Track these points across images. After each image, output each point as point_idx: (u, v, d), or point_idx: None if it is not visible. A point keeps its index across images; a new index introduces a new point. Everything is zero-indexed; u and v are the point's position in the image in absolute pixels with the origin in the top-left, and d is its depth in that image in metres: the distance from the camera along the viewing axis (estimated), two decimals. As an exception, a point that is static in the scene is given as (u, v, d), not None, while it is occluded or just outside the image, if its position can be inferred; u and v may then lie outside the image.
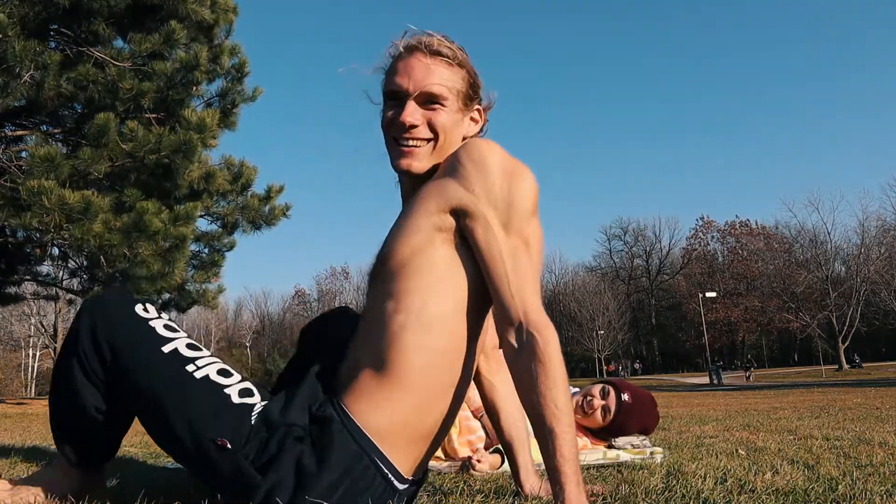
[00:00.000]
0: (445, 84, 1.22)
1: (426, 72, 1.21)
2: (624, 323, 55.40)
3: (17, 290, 9.26)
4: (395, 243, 1.17)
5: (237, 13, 7.05)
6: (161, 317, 1.23)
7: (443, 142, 1.23)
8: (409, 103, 1.21)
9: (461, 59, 1.24)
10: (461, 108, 1.26)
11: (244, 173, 7.94)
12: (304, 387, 1.18)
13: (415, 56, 1.22)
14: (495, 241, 1.13)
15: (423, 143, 1.23)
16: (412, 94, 1.21)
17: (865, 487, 1.41)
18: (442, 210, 1.15)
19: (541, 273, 1.17)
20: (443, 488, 1.62)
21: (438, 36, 1.24)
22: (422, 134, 1.22)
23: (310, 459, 1.09)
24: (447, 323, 1.15)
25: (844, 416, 4.58)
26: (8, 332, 47.49)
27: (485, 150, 1.16)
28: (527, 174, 1.17)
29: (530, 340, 1.09)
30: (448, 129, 1.23)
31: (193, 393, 1.12)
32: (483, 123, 1.33)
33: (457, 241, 1.16)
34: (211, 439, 1.09)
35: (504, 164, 1.15)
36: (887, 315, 40.67)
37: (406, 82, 1.21)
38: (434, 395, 1.16)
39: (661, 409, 2.93)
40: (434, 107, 1.22)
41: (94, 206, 5.20)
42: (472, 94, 1.27)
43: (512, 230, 1.14)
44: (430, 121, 1.22)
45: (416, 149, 1.22)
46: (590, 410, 2.55)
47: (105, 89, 5.55)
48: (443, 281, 1.15)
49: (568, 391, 1.10)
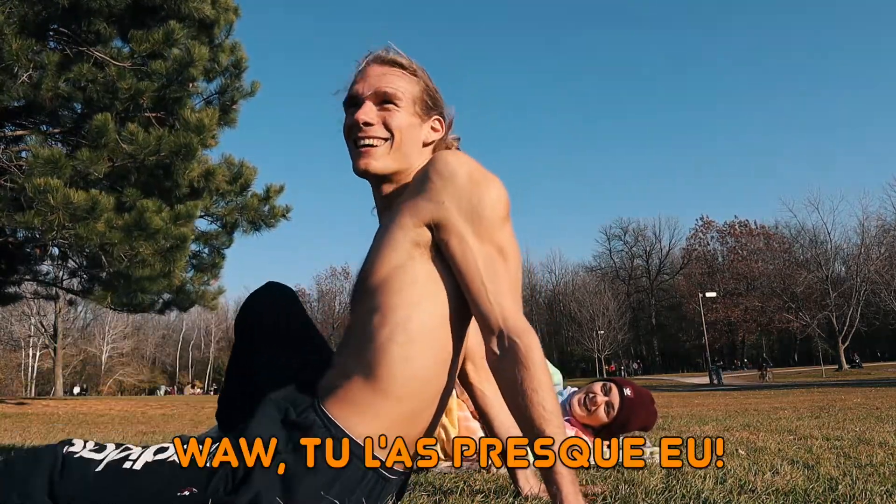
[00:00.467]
0: (399, 87, 1.27)
1: (380, 76, 1.27)
2: (624, 323, 55.41)
3: (17, 290, 9.25)
4: (375, 261, 1.19)
5: (238, 14, 7.06)
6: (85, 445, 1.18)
7: (399, 142, 1.26)
8: (364, 103, 1.26)
9: (416, 70, 1.30)
10: (417, 113, 1.29)
11: (244, 173, 7.93)
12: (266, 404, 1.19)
13: (370, 67, 1.29)
14: (469, 250, 1.15)
15: (380, 142, 1.26)
16: (366, 95, 1.26)
17: (865, 487, 1.41)
18: (416, 225, 1.17)
19: (520, 279, 1.19)
20: (443, 488, 1.62)
21: (395, 49, 1.30)
22: (377, 133, 1.25)
23: (295, 465, 1.10)
24: (432, 335, 1.17)
25: (844, 416, 4.58)
26: (8, 332, 47.48)
27: (452, 162, 1.18)
28: (495, 183, 1.19)
29: (512, 346, 1.11)
30: (403, 130, 1.26)
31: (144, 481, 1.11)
32: (444, 133, 1.35)
33: (434, 254, 1.18)
34: (174, 494, 1.09)
35: (472, 175, 1.17)
36: (887, 315, 40.65)
37: (362, 87, 1.27)
38: (420, 405, 1.18)
39: (661, 409, 2.93)
40: (388, 107, 1.26)
41: (100, 206, 5.20)
42: (430, 104, 1.31)
43: (485, 239, 1.15)
44: (385, 120, 1.26)
45: (373, 148, 1.25)
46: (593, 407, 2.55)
47: (104, 89, 5.55)
48: (425, 295, 1.17)
49: (554, 393, 1.11)
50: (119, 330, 55.78)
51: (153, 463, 1.14)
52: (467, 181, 1.17)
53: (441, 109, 1.34)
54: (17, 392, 46.51)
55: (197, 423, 9.83)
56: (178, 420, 11.35)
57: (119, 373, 55.83)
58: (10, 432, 6.19)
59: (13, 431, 6.39)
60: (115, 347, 55.89)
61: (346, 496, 1.12)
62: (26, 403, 18.21)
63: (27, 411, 14.72)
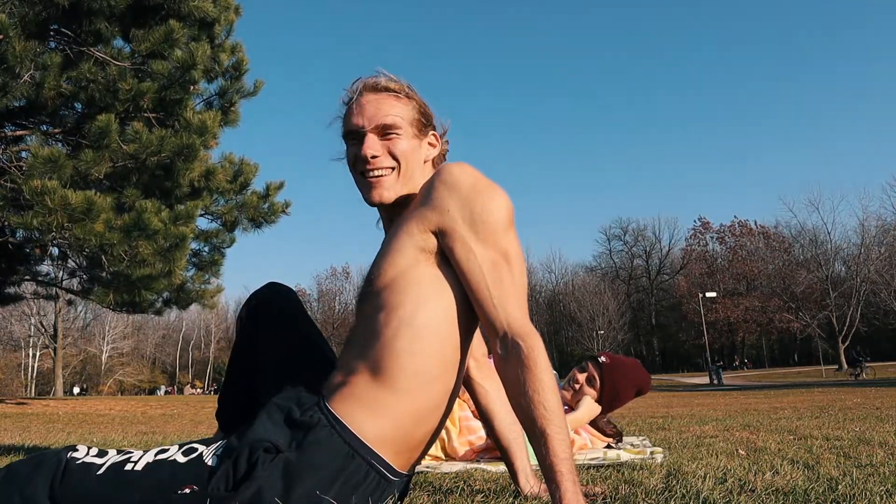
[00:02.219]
0: (397, 115, 1.31)
1: (377, 106, 1.31)
2: (624, 323, 55.44)
3: (17, 290, 9.25)
4: (382, 264, 1.23)
5: (239, 13, 7.04)
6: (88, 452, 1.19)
7: (405, 168, 1.31)
8: (367, 137, 1.30)
9: (407, 92, 1.34)
10: (416, 134, 1.34)
11: (244, 171, 7.91)
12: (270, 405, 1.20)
13: (364, 96, 1.32)
14: (474, 256, 1.18)
15: (388, 172, 1.30)
16: (368, 129, 1.30)
17: (865, 487, 1.41)
18: (422, 231, 1.21)
19: (525, 284, 1.21)
20: (443, 488, 1.62)
21: (384, 74, 1.35)
22: (384, 163, 1.30)
23: (297, 463, 1.10)
24: (437, 333, 1.19)
25: (844, 416, 4.58)
26: (8, 332, 47.49)
27: (456, 172, 1.23)
28: (499, 192, 1.22)
29: (515, 348, 1.14)
30: (408, 155, 1.31)
31: (145, 480, 1.12)
32: (440, 146, 1.40)
33: (440, 260, 1.22)
34: (174, 492, 1.09)
35: (475, 184, 1.21)
36: (887, 315, 40.65)
37: (361, 120, 1.31)
38: (425, 404, 1.19)
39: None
40: (390, 136, 1.30)
41: (96, 207, 5.18)
42: (425, 122, 1.36)
43: (489, 245, 1.19)
44: (390, 149, 1.30)
45: (383, 178, 1.30)
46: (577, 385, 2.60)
47: (105, 89, 5.54)
48: (430, 296, 1.20)
49: (557, 394, 1.13)
50: (119, 330, 55.80)
51: (154, 462, 1.14)
52: (471, 190, 1.20)
53: (434, 123, 1.39)
54: (17, 392, 46.52)
55: (197, 423, 9.83)
56: (178, 420, 11.36)
57: (119, 373, 55.85)
58: (10, 432, 6.19)
59: (13, 431, 6.40)
60: (115, 347, 55.91)
61: (347, 496, 1.12)
62: (26, 403, 18.22)
63: (27, 411, 14.73)
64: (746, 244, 55.74)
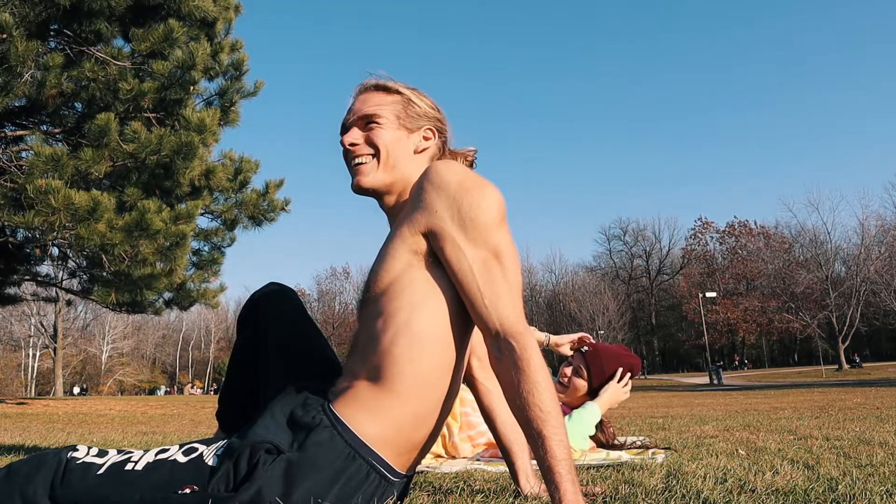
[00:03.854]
0: (378, 105, 1.35)
1: (363, 101, 1.37)
2: (624, 323, 55.44)
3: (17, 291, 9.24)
4: (378, 270, 1.24)
5: (239, 11, 7.05)
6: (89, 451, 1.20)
7: (385, 156, 1.33)
8: (349, 129, 1.36)
9: (398, 89, 1.38)
10: (402, 126, 1.35)
11: (244, 169, 7.91)
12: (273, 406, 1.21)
13: (357, 96, 1.40)
14: (464, 257, 1.17)
15: (368, 159, 1.33)
16: (351, 120, 1.37)
17: (865, 487, 1.41)
18: (413, 234, 1.21)
19: (518, 282, 1.20)
20: (443, 488, 1.62)
21: (381, 75, 1.40)
22: (363, 150, 1.34)
23: (298, 463, 1.10)
24: (434, 338, 1.19)
25: (844, 416, 4.58)
26: (8, 332, 47.51)
27: (443, 171, 1.22)
28: (488, 188, 1.21)
29: (508, 349, 1.13)
30: (388, 144, 1.33)
31: (145, 480, 1.12)
32: (437, 140, 1.40)
33: (432, 262, 1.21)
34: (175, 492, 1.09)
35: (463, 182, 1.20)
36: (887, 315, 40.61)
37: (349, 116, 1.38)
38: (425, 407, 1.20)
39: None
40: (371, 126, 1.34)
41: (101, 206, 5.19)
42: (416, 116, 1.37)
43: (479, 243, 1.17)
44: (369, 138, 1.34)
45: (362, 165, 1.34)
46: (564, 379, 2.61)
47: (105, 88, 5.54)
48: (425, 299, 1.19)
49: (553, 395, 1.12)
50: (119, 330, 55.81)
51: (154, 462, 1.15)
52: (459, 188, 1.19)
53: (432, 120, 1.39)
54: (17, 392, 46.54)
55: (197, 423, 9.83)
56: (178, 420, 11.36)
57: (119, 373, 55.86)
58: (10, 432, 6.19)
59: (13, 431, 6.40)
60: (115, 347, 55.92)
61: (348, 496, 1.12)
62: (26, 403, 18.22)
63: (27, 411, 14.73)
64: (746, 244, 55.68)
